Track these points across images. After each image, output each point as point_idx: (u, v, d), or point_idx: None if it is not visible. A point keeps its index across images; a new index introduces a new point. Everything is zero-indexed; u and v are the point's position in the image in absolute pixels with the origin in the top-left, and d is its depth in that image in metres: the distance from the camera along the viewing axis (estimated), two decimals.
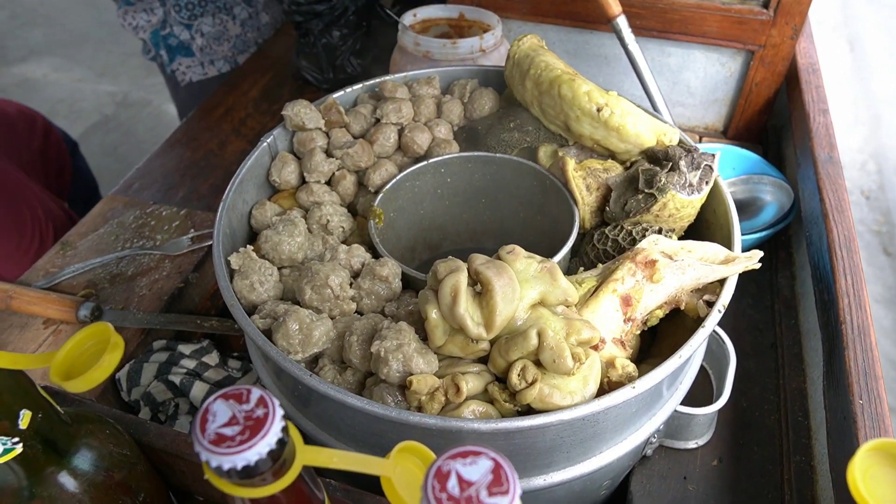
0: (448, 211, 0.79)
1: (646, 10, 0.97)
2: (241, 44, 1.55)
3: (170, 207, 0.95)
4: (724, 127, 1.09)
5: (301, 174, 0.74)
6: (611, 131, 0.67)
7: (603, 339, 0.54)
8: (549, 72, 0.70)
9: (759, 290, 0.84)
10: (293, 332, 0.54)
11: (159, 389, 0.69)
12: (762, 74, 0.98)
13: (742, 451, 0.67)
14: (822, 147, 0.79)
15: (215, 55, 1.53)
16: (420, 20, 1.03)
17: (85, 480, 0.44)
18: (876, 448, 0.31)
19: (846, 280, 0.63)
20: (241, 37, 1.54)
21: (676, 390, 0.60)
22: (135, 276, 0.83)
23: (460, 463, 0.26)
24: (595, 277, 0.58)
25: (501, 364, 0.51)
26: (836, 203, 0.71)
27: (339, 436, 0.57)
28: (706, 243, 0.59)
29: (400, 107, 0.76)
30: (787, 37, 0.93)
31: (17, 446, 0.39)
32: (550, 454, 0.52)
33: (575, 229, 0.65)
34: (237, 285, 0.60)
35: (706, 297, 0.57)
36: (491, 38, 0.94)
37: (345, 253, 0.63)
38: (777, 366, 0.74)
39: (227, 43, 1.53)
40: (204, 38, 1.50)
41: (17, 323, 0.79)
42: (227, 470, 0.27)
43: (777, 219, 0.84)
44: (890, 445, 0.31)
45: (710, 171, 0.64)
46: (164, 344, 0.74)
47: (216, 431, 0.27)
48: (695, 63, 1.02)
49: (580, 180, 0.68)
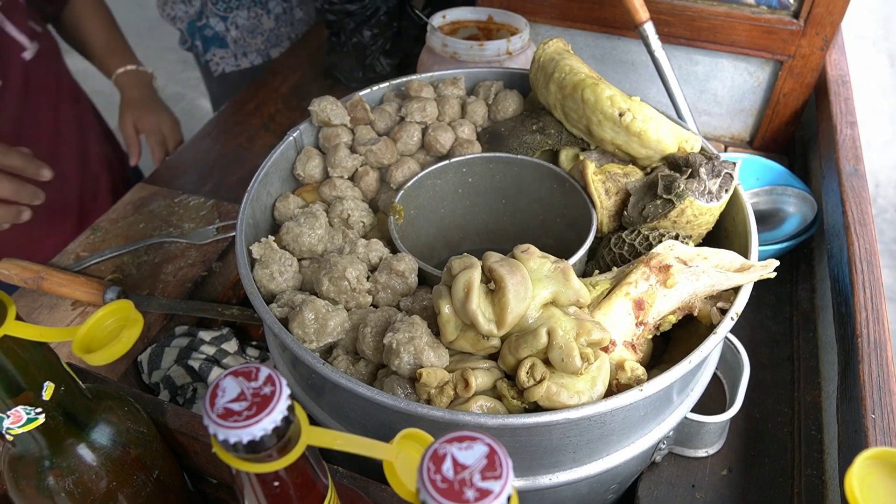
0: (469, 210, 0.80)
1: (674, 18, 0.97)
2: (275, 38, 1.58)
3: (198, 198, 0.97)
4: (750, 137, 1.08)
5: (325, 169, 0.75)
6: (632, 136, 0.68)
7: (613, 341, 0.54)
8: (573, 75, 0.70)
9: (779, 302, 0.83)
10: (309, 321, 0.55)
11: (179, 373, 0.70)
12: (790, 85, 0.97)
13: (752, 462, 0.67)
14: (847, 159, 0.78)
15: (248, 48, 1.56)
16: (449, 22, 1.04)
17: (102, 454, 0.45)
18: (875, 457, 0.31)
19: (865, 293, 0.63)
20: (274, 31, 1.56)
21: (687, 397, 0.60)
22: (161, 262, 0.86)
23: (456, 447, 0.26)
24: (609, 280, 0.59)
25: (511, 361, 0.51)
26: (858, 216, 0.71)
27: (350, 425, 0.58)
28: (722, 251, 0.59)
29: (424, 106, 0.77)
30: (817, 48, 0.92)
31: (40, 416, 0.41)
32: (556, 454, 0.52)
33: (592, 232, 0.66)
34: (257, 274, 0.61)
35: (720, 305, 0.57)
36: (518, 41, 0.95)
37: (363, 247, 0.64)
38: (792, 378, 0.74)
39: (260, 36, 1.56)
40: (238, 30, 1.53)
41: (46, 303, 0.81)
42: (234, 444, 0.28)
43: (799, 230, 0.84)
44: (889, 455, 0.31)
45: (731, 179, 0.64)
46: (185, 329, 0.76)
47: (224, 406, 0.28)
48: (722, 72, 1.02)
49: (599, 184, 0.69)
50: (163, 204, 0.96)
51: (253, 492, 0.32)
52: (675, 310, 0.57)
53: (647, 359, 0.61)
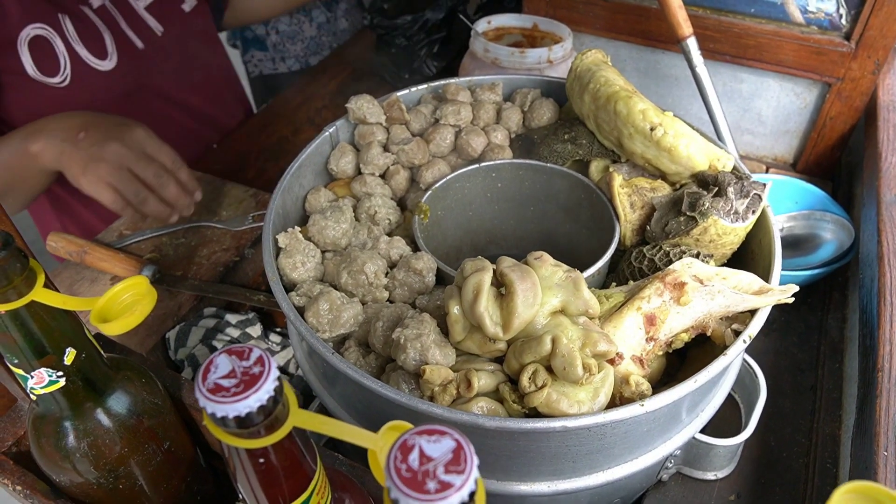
0: (496, 215, 0.80)
1: (720, 34, 0.96)
2: (315, 45, 1.61)
3: (239, 186, 1.00)
4: (793, 159, 1.05)
5: (357, 165, 0.77)
6: (662, 151, 0.67)
7: (621, 354, 0.54)
8: (608, 87, 0.70)
9: (808, 330, 0.81)
10: (323, 311, 0.57)
11: (203, 353, 0.73)
12: (838, 108, 0.94)
13: (762, 491, 0.66)
14: (889, 188, 0.76)
15: (287, 53, 1.60)
16: (494, 27, 1.05)
17: (117, 421, 0.48)
18: (854, 490, 0.31)
19: (891, 327, 0.61)
20: (315, 39, 1.59)
21: (697, 417, 0.60)
22: (197, 245, 0.89)
23: (425, 439, 0.27)
24: (623, 293, 0.59)
25: (515, 366, 0.52)
26: (894, 247, 0.68)
27: (357, 416, 0.59)
28: (742, 272, 0.58)
29: (459, 109, 0.78)
30: (869, 71, 0.90)
31: (61, 380, 0.44)
32: (555, 461, 0.53)
33: (613, 245, 0.65)
34: (281, 262, 0.64)
35: (735, 326, 0.56)
36: (560, 50, 0.95)
37: (385, 244, 0.65)
38: (814, 408, 0.72)
39: (300, 43, 1.59)
40: (279, 35, 1.58)
41: (88, 276, 0.85)
42: (221, 418, 0.30)
43: (835, 257, 0.82)
44: (868, 489, 0.30)
45: (759, 200, 0.63)
46: (213, 311, 0.79)
47: (215, 381, 0.30)
48: (767, 91, 1.00)
49: (625, 197, 0.69)
50: (205, 189, 0.99)
51: (242, 468, 0.34)
52: (688, 328, 0.57)
53: (658, 375, 0.60)
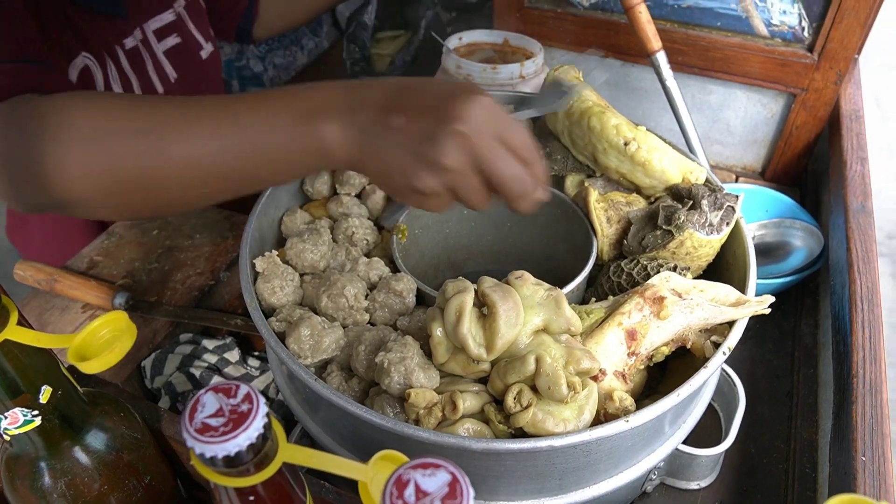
0: (473, 232, 0.81)
1: (688, 47, 0.98)
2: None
3: (213, 208, 0.99)
4: (762, 168, 1.08)
5: (333, 186, 0.76)
6: (636, 165, 0.68)
7: (604, 370, 0.55)
8: (581, 103, 0.71)
9: (782, 336, 0.82)
10: (304, 337, 0.56)
11: (180, 380, 0.72)
12: (803, 118, 0.97)
13: (744, 498, 0.66)
14: (855, 196, 0.78)
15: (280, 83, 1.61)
16: (465, 44, 1.06)
17: (96, 458, 0.47)
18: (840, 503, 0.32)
19: (864, 333, 0.62)
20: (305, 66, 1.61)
21: (679, 428, 0.60)
22: (171, 270, 0.87)
23: (420, 473, 0.27)
24: (604, 309, 0.59)
25: (499, 386, 0.52)
26: (863, 254, 0.70)
27: (342, 441, 0.59)
28: (719, 284, 0.59)
29: None
30: (831, 81, 0.92)
31: (37, 419, 0.42)
32: (542, 480, 0.53)
33: (591, 260, 0.66)
34: (259, 287, 0.63)
35: (714, 338, 0.57)
36: (532, 65, 0.96)
37: (364, 265, 0.65)
38: (791, 414, 0.73)
39: (294, 72, 1.60)
40: (275, 69, 1.58)
41: (58, 305, 0.83)
42: (210, 458, 0.29)
43: (805, 264, 0.83)
44: (854, 501, 0.31)
45: (732, 212, 0.65)
46: (189, 337, 0.78)
47: (202, 421, 0.29)
48: (735, 102, 1.02)
49: (602, 212, 0.69)
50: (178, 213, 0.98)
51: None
52: (668, 341, 0.58)
53: (640, 389, 0.61)
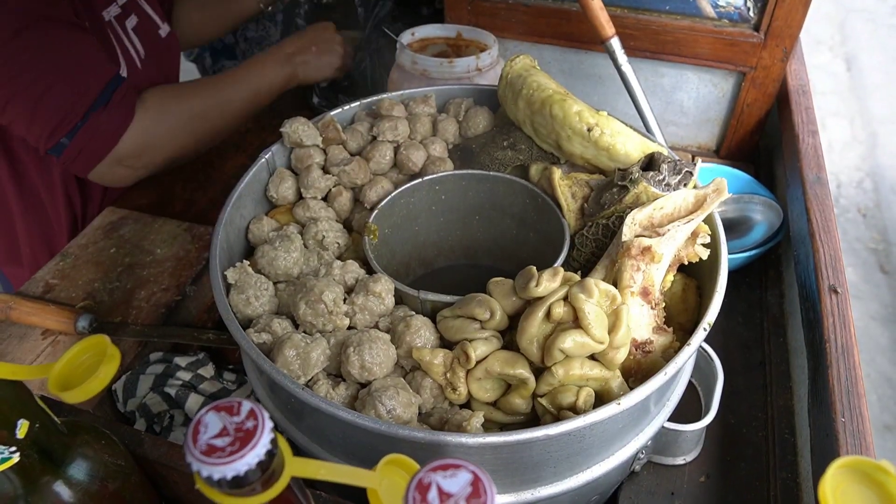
0: (442, 227, 0.80)
1: (639, 32, 0.99)
2: None
3: (171, 221, 0.96)
4: (716, 146, 1.10)
5: (298, 190, 0.75)
6: (601, 150, 0.69)
7: (650, 340, 0.57)
8: (541, 91, 0.71)
9: (749, 308, 0.85)
10: (291, 357, 0.55)
11: (155, 401, 0.69)
12: (753, 95, 1.00)
13: (729, 468, 0.68)
14: (810, 168, 0.80)
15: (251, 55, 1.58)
16: (418, 39, 1.05)
17: (80, 490, 0.45)
18: (847, 465, 0.32)
19: (831, 299, 0.65)
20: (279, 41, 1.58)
21: (664, 407, 0.61)
22: (133, 288, 0.84)
23: (441, 475, 0.27)
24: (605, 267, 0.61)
25: None
26: (822, 223, 0.73)
27: (331, 449, 0.58)
28: (672, 193, 0.61)
29: (396, 125, 0.78)
30: (778, 59, 0.95)
31: (14, 455, 0.40)
32: (538, 469, 0.53)
33: (565, 247, 0.66)
34: (233, 300, 0.61)
35: (699, 241, 0.60)
36: (487, 57, 0.96)
37: (339, 269, 0.64)
38: (765, 383, 0.75)
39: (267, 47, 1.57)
40: (247, 42, 1.56)
41: (16, 333, 0.80)
42: (218, 480, 0.28)
43: (767, 238, 0.86)
44: (861, 463, 0.32)
45: (690, 176, 0.65)
46: (160, 356, 0.75)
47: (207, 442, 0.28)
48: (687, 83, 1.04)
49: (566, 189, 0.70)
50: (134, 228, 0.95)
51: None
52: (668, 271, 0.60)
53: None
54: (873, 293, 2.32)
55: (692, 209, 0.61)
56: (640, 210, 0.60)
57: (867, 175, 2.81)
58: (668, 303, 0.64)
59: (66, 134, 0.88)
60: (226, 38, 1.57)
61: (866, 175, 2.81)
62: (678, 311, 0.64)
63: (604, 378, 0.54)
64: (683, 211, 0.62)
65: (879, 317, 2.24)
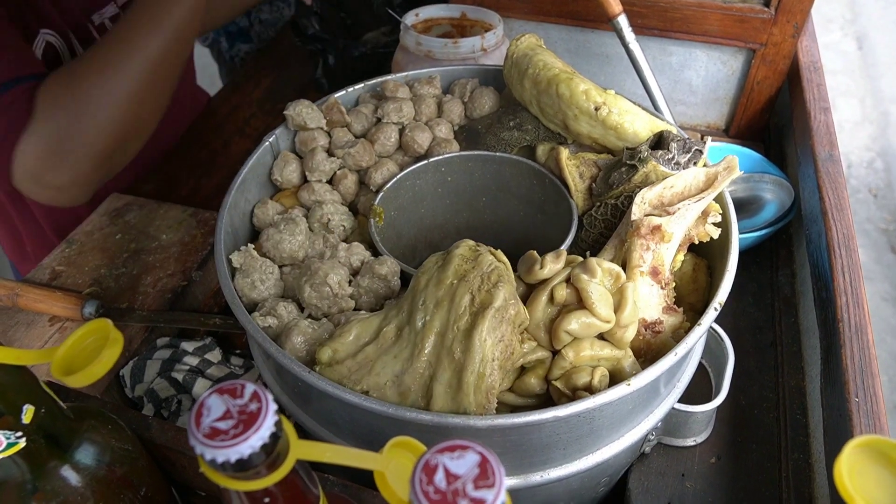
0: (448, 209, 0.79)
1: (647, 9, 0.97)
2: None
3: (176, 206, 0.95)
4: (726, 125, 1.09)
5: (303, 173, 0.74)
6: (608, 130, 0.68)
7: (660, 320, 0.56)
8: (547, 71, 0.70)
9: (760, 289, 0.84)
10: (299, 344, 0.55)
11: (162, 386, 0.69)
12: (763, 73, 0.98)
13: (740, 449, 0.68)
14: (822, 145, 0.79)
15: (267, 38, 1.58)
16: (422, 20, 1.04)
17: (87, 474, 0.45)
18: (864, 444, 0.32)
19: (844, 278, 0.64)
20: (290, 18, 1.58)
21: (674, 388, 0.61)
22: (139, 274, 0.84)
23: (448, 457, 0.26)
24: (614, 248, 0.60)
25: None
26: (835, 201, 0.71)
27: (338, 432, 0.57)
28: (683, 173, 0.60)
29: (401, 106, 0.77)
30: (789, 35, 0.93)
31: (21, 441, 0.40)
32: (547, 451, 0.52)
33: (573, 228, 0.66)
34: (238, 283, 0.61)
35: (710, 220, 0.59)
36: (492, 37, 0.95)
37: (344, 251, 0.64)
38: (776, 363, 0.75)
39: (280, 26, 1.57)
40: (262, 24, 1.55)
41: (23, 320, 0.80)
42: (222, 463, 0.28)
43: (778, 217, 0.84)
44: (878, 442, 0.31)
45: (700, 154, 0.64)
46: (167, 341, 0.75)
47: (210, 425, 0.28)
48: (696, 61, 1.03)
49: (574, 168, 0.69)
50: (139, 214, 0.94)
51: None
52: (678, 250, 0.59)
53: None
54: (884, 274, 2.31)
55: (703, 188, 0.60)
56: (649, 189, 0.59)
57: (878, 155, 2.78)
58: (678, 283, 0.63)
59: None
60: (240, 21, 1.56)
61: (877, 155, 2.78)
62: (688, 291, 0.63)
63: (615, 357, 0.54)
64: (694, 189, 0.61)
65: (890, 298, 2.22)
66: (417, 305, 0.52)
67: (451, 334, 0.50)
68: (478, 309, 0.50)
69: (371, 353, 0.52)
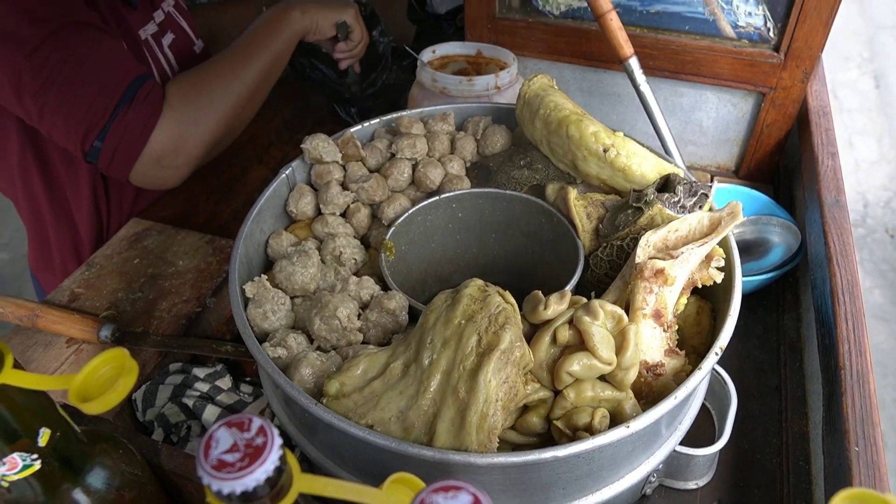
0: (459, 245, 0.81)
1: (658, 52, 0.99)
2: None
3: (193, 233, 0.98)
4: (735, 167, 1.10)
5: (317, 205, 0.76)
6: (616, 171, 0.69)
7: (661, 362, 0.56)
8: (558, 112, 0.72)
9: (766, 332, 0.84)
10: (307, 376, 0.56)
11: (173, 411, 0.71)
12: (773, 116, 0.99)
13: (742, 494, 0.68)
14: (829, 190, 0.80)
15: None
16: (439, 56, 1.06)
17: (97, 498, 0.46)
18: (851, 498, 0.32)
19: (847, 325, 0.64)
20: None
21: (676, 430, 0.61)
22: (155, 299, 0.86)
23: (442, 497, 0.27)
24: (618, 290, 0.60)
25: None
26: (840, 247, 0.72)
27: (342, 464, 0.58)
28: (688, 216, 0.61)
29: (415, 142, 0.79)
30: (798, 80, 0.95)
31: (36, 463, 0.42)
32: (547, 490, 0.53)
33: (580, 267, 0.67)
34: (251, 313, 0.62)
35: (714, 264, 0.60)
36: (506, 75, 0.97)
37: (355, 284, 0.65)
38: (780, 408, 0.75)
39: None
40: None
41: (41, 341, 0.82)
42: (228, 494, 0.29)
43: (784, 260, 0.85)
44: (864, 496, 0.32)
45: (706, 198, 0.66)
46: (179, 367, 0.77)
47: (218, 457, 0.29)
48: (707, 103, 1.04)
49: (581, 209, 0.70)
50: (158, 239, 0.97)
51: None
52: (682, 294, 0.60)
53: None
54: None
55: (707, 232, 0.62)
56: (654, 232, 0.61)
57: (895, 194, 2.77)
58: (681, 325, 0.64)
59: (97, 137, 0.89)
60: None
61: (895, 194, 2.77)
62: (692, 333, 0.64)
63: (616, 399, 0.54)
64: (698, 234, 0.62)
65: None
66: (425, 343, 0.54)
67: (457, 374, 0.51)
68: (484, 350, 0.51)
69: (378, 387, 0.53)
